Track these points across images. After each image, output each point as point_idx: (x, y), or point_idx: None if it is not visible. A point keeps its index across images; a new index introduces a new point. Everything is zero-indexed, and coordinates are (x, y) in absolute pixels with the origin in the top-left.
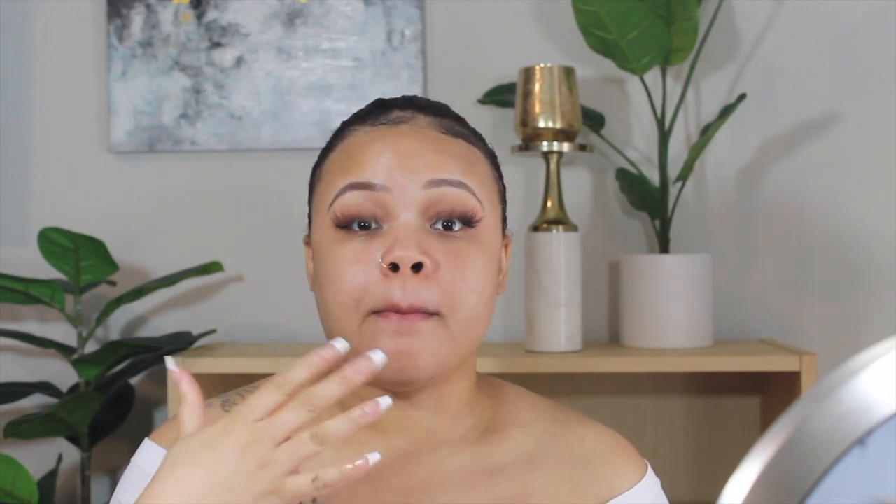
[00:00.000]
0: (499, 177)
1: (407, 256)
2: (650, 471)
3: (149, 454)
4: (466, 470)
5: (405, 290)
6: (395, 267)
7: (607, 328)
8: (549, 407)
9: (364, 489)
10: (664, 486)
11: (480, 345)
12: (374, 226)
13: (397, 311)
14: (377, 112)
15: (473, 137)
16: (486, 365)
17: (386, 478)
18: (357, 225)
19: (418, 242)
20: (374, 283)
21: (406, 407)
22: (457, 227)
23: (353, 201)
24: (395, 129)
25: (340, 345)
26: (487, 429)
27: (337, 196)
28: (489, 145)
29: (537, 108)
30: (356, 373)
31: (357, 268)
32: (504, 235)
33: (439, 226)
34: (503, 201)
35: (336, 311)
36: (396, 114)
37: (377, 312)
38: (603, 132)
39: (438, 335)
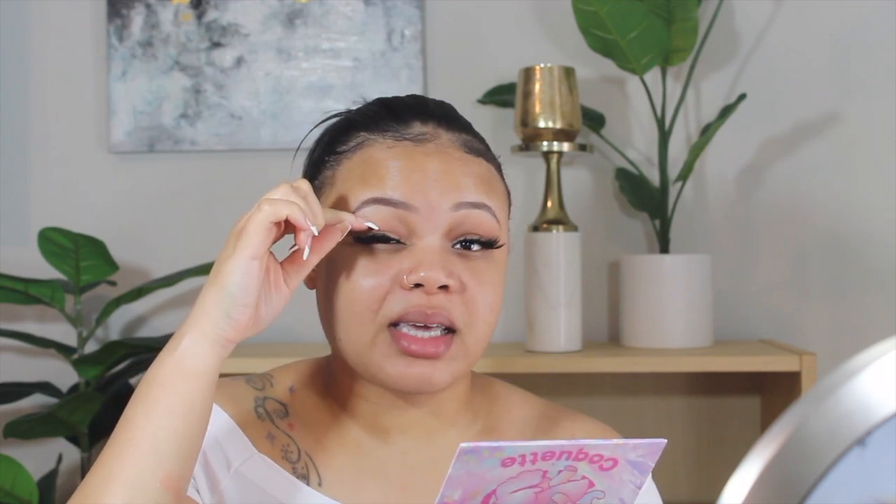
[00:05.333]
0: (508, 192)
1: (433, 278)
2: None
3: None
4: None
5: (430, 299)
6: (418, 287)
7: (607, 328)
8: (539, 403)
9: (364, 486)
10: (664, 487)
11: None
12: (393, 241)
13: (421, 318)
14: (394, 123)
15: (487, 151)
16: (485, 365)
17: (386, 475)
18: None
19: (443, 264)
20: (394, 293)
21: (406, 407)
22: (475, 248)
23: (375, 216)
24: (421, 149)
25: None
26: (483, 427)
27: (358, 209)
28: (495, 155)
29: (537, 109)
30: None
31: (376, 279)
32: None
33: (458, 245)
34: (509, 216)
35: (348, 319)
36: (418, 129)
37: (394, 325)
38: (603, 132)
39: (456, 356)
